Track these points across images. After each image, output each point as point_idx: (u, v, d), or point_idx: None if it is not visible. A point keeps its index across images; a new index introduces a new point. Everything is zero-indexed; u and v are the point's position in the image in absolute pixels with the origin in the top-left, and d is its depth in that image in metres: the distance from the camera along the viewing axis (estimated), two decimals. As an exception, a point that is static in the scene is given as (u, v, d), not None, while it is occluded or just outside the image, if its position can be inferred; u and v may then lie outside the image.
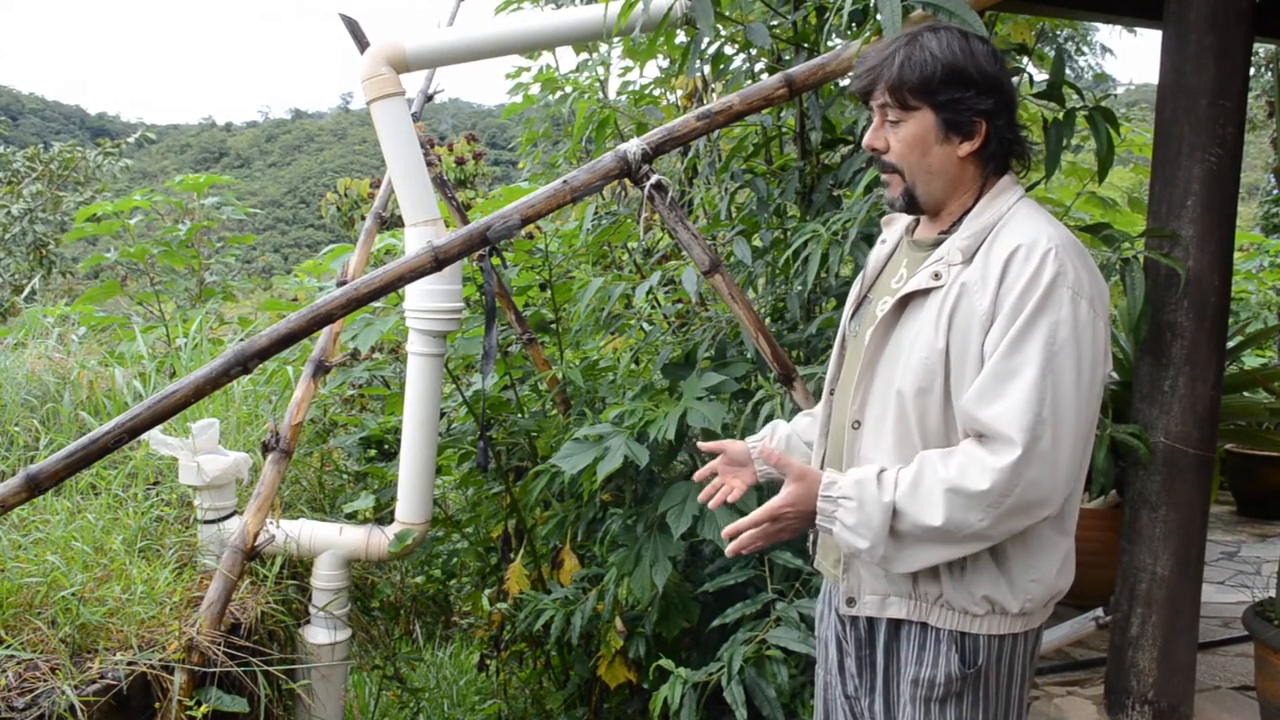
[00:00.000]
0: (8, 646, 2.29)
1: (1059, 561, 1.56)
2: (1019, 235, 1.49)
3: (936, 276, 1.54)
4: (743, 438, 2.63)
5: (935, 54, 1.52)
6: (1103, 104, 2.34)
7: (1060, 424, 1.42)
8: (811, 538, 1.81)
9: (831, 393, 1.74)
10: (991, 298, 1.47)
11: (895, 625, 1.62)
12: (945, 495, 1.44)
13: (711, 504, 1.80)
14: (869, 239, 2.25)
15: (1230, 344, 3.66)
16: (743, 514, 1.61)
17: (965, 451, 1.46)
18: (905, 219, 1.74)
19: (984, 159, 1.58)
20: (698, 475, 1.91)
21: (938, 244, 1.60)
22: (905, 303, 1.58)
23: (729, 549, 1.60)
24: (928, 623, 1.58)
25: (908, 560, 1.51)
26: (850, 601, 1.66)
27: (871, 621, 1.66)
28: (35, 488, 2.10)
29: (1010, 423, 1.41)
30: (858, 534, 1.50)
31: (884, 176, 1.63)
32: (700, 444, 1.95)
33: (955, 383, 1.50)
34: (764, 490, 2.52)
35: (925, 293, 1.55)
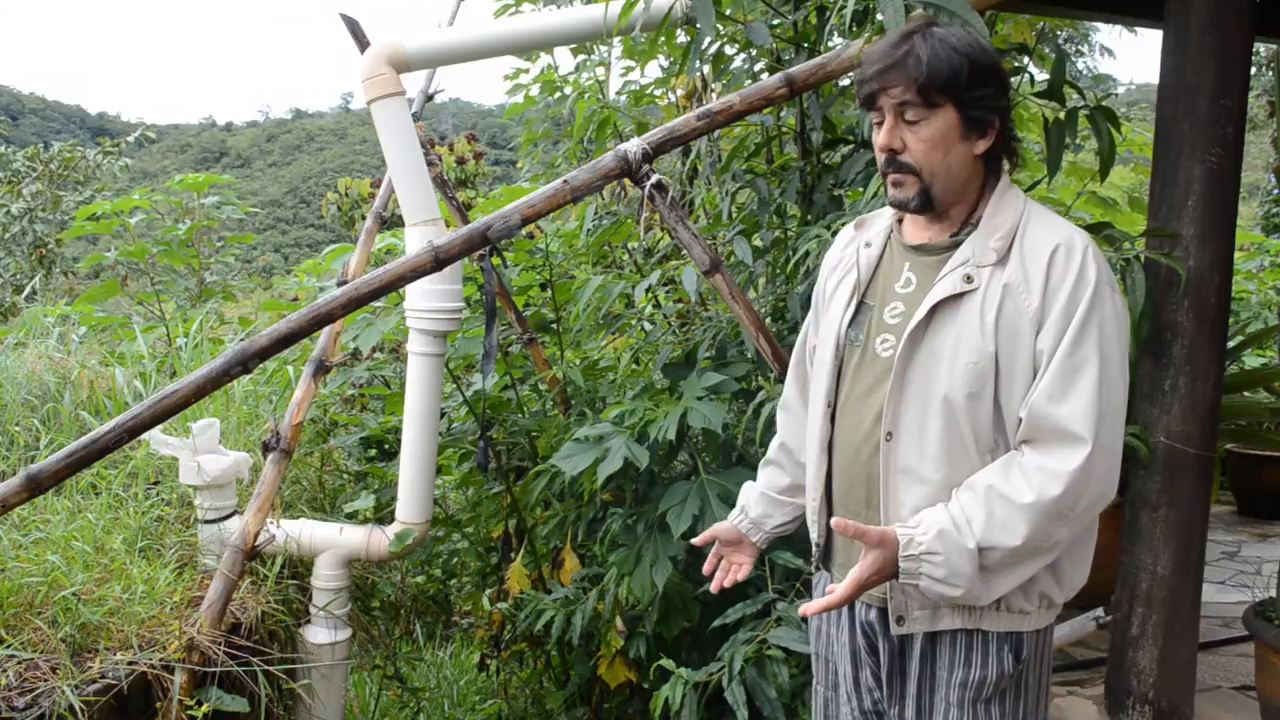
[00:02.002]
0: (8, 646, 2.29)
1: (1092, 546, 1.59)
2: (1052, 235, 1.51)
3: (969, 280, 1.52)
4: (743, 437, 2.64)
5: (959, 50, 1.49)
6: (1103, 103, 2.34)
7: (1115, 415, 1.46)
8: (816, 551, 1.75)
9: (830, 406, 1.67)
10: (1040, 297, 1.48)
11: (932, 636, 1.60)
12: (1025, 515, 1.44)
13: (725, 584, 1.85)
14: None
15: (1231, 344, 3.67)
16: None
17: (1026, 465, 1.46)
18: (885, 220, 1.71)
19: (991, 158, 1.58)
20: (706, 568, 1.91)
21: (953, 246, 1.57)
22: (936, 308, 1.54)
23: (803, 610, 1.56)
24: (980, 628, 1.56)
25: (996, 589, 1.50)
26: (900, 620, 1.60)
27: (909, 635, 1.62)
28: (36, 487, 2.10)
29: (1080, 421, 1.43)
30: (949, 584, 1.47)
31: (895, 177, 1.57)
32: (693, 540, 1.97)
33: (1005, 385, 1.49)
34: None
35: (958, 296, 1.52)
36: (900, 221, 1.68)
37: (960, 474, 1.51)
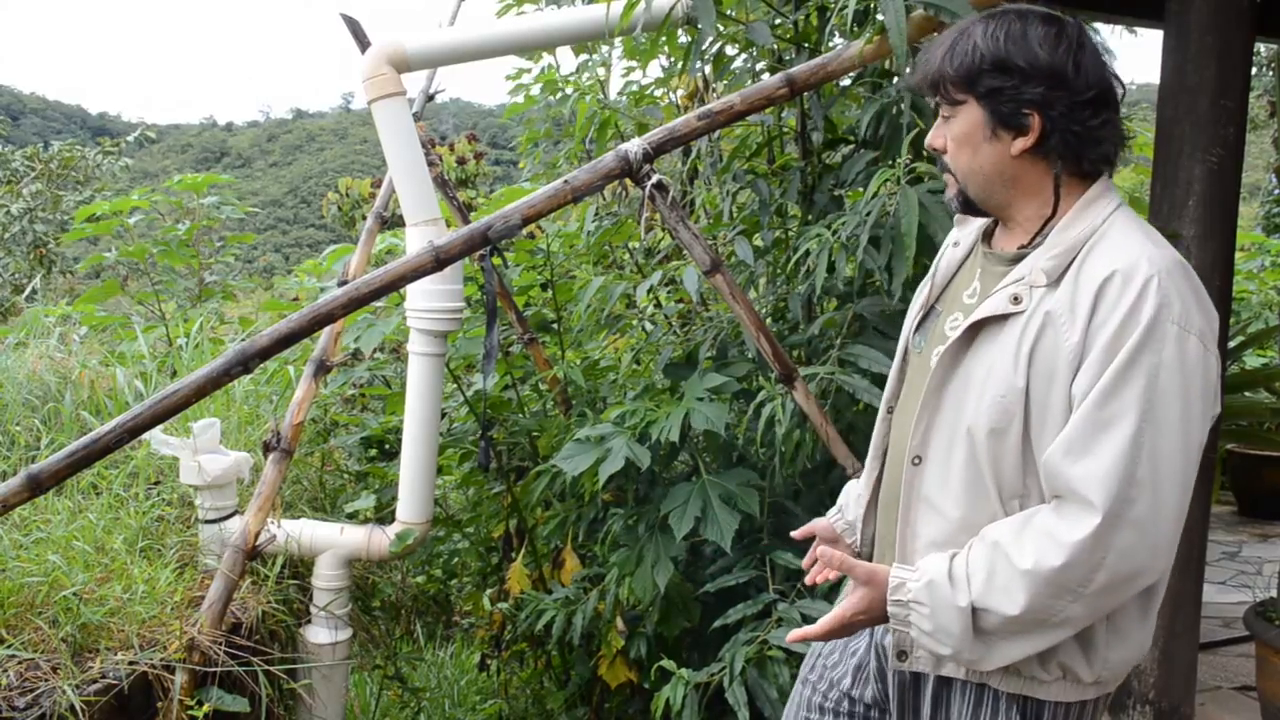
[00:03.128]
0: (9, 646, 2.29)
1: (1150, 626, 1.39)
2: (1115, 258, 1.30)
3: (1016, 300, 1.35)
4: (744, 438, 2.64)
5: (978, 42, 1.37)
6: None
7: (1162, 484, 1.24)
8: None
9: (890, 411, 1.58)
10: (1081, 333, 1.28)
11: (944, 678, 1.45)
12: (1024, 581, 1.27)
13: (817, 581, 1.57)
14: (876, 242, 2.24)
15: (1231, 344, 3.67)
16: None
17: (1038, 526, 1.29)
18: (980, 220, 1.55)
19: (1048, 158, 1.39)
20: (806, 562, 1.71)
21: (1018, 259, 1.42)
22: (979, 327, 1.39)
23: (790, 637, 1.46)
24: (988, 684, 1.41)
25: (999, 657, 1.34)
26: (901, 655, 1.46)
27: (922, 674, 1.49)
28: (37, 487, 2.11)
29: (1094, 485, 1.24)
30: (937, 640, 1.34)
31: (946, 177, 1.49)
32: (792, 534, 1.81)
33: (1036, 427, 1.32)
34: (763, 492, 2.52)
35: (1003, 318, 1.37)
36: (996, 222, 1.53)
37: (980, 516, 1.37)
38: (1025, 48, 1.35)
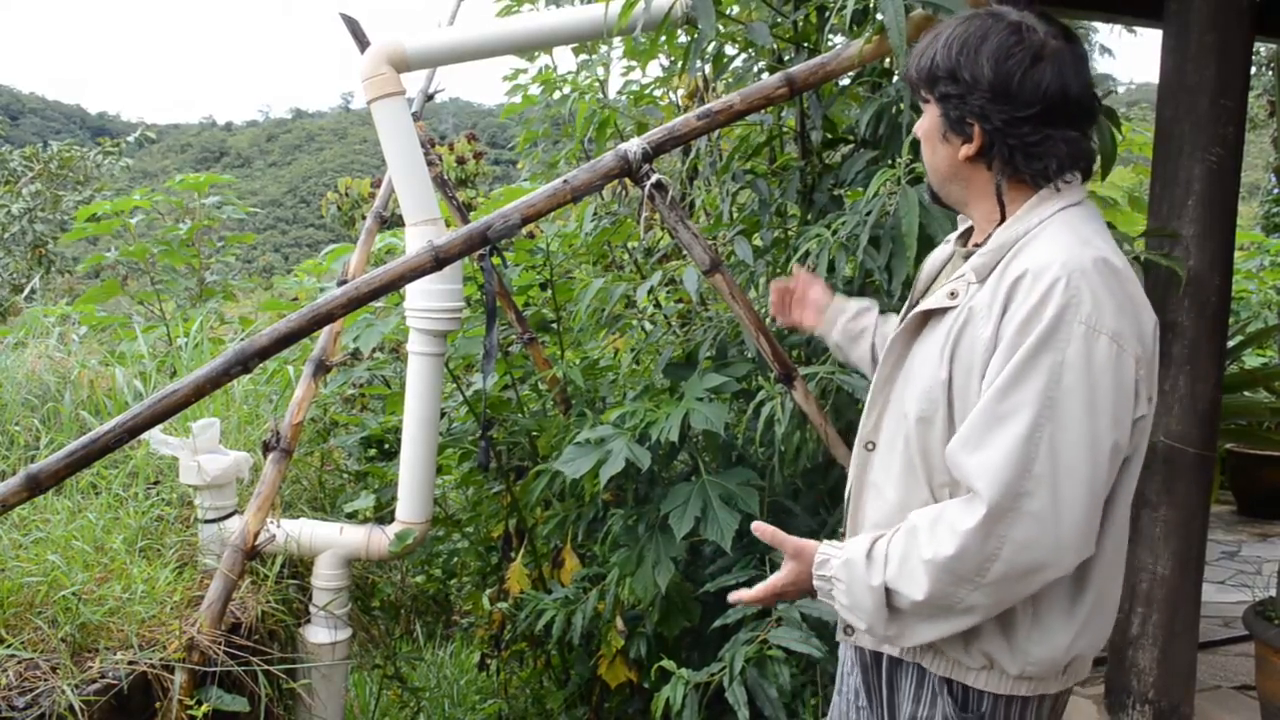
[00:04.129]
0: (8, 646, 2.29)
1: (1077, 624, 1.39)
2: (1032, 258, 1.33)
3: (953, 295, 1.41)
4: (743, 438, 2.64)
5: (939, 48, 1.41)
6: (1104, 103, 2.33)
7: (1062, 480, 1.26)
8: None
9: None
10: (994, 328, 1.32)
11: (895, 659, 1.53)
12: (924, 567, 1.32)
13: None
14: (875, 241, 2.24)
15: (1231, 343, 3.67)
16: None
17: (944, 516, 1.33)
18: (968, 221, 1.60)
19: (991, 167, 1.43)
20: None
21: (968, 257, 1.47)
22: (925, 319, 1.46)
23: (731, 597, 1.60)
24: (919, 663, 1.48)
25: (914, 636, 1.40)
26: (848, 630, 1.58)
27: (878, 653, 1.56)
28: (36, 487, 2.10)
29: (984, 477, 1.28)
30: (854, 615, 1.42)
31: None
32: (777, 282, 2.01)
33: (958, 417, 1.37)
34: (762, 491, 2.53)
35: (942, 312, 1.43)
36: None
37: (915, 501, 1.43)
38: (973, 59, 1.38)
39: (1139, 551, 2.62)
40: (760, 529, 1.51)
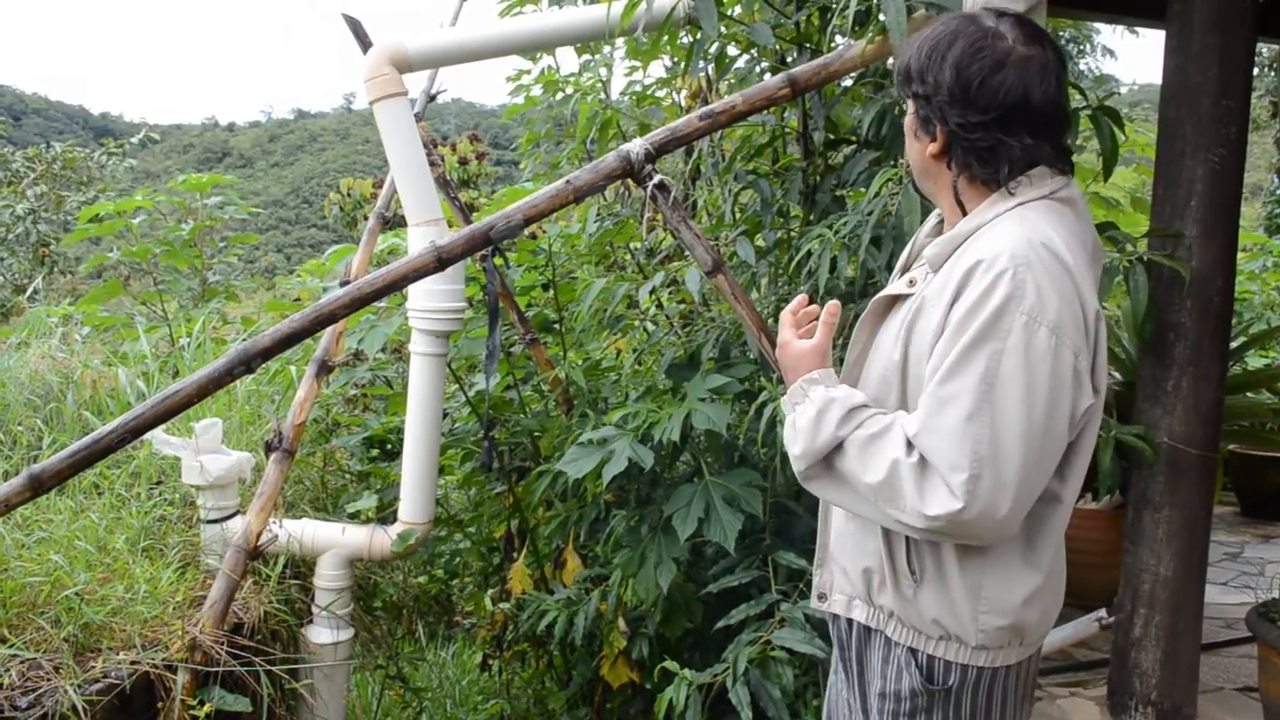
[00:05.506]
0: (11, 646, 2.29)
1: (1022, 595, 1.45)
2: (984, 249, 1.37)
3: (912, 283, 1.49)
4: (745, 438, 2.64)
5: (915, 45, 1.48)
6: (1106, 103, 2.34)
7: (1002, 463, 1.31)
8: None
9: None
10: (942, 315, 1.38)
11: (866, 631, 1.58)
12: (891, 470, 1.36)
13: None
14: (877, 241, 2.24)
15: (1234, 344, 3.66)
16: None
17: (930, 473, 1.35)
18: None
19: (951, 165, 1.47)
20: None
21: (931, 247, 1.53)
22: (890, 304, 1.53)
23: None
24: (886, 633, 1.53)
25: (825, 489, 1.49)
26: (822, 596, 1.66)
27: (850, 623, 1.61)
28: (38, 487, 2.11)
29: (945, 461, 1.32)
30: (796, 438, 1.47)
31: None
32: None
33: (911, 400, 1.44)
34: (765, 492, 2.53)
35: (902, 298, 1.50)
36: None
37: None
38: (939, 63, 1.43)
39: (1141, 552, 2.62)
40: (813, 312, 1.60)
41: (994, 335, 1.31)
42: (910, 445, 1.37)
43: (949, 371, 1.33)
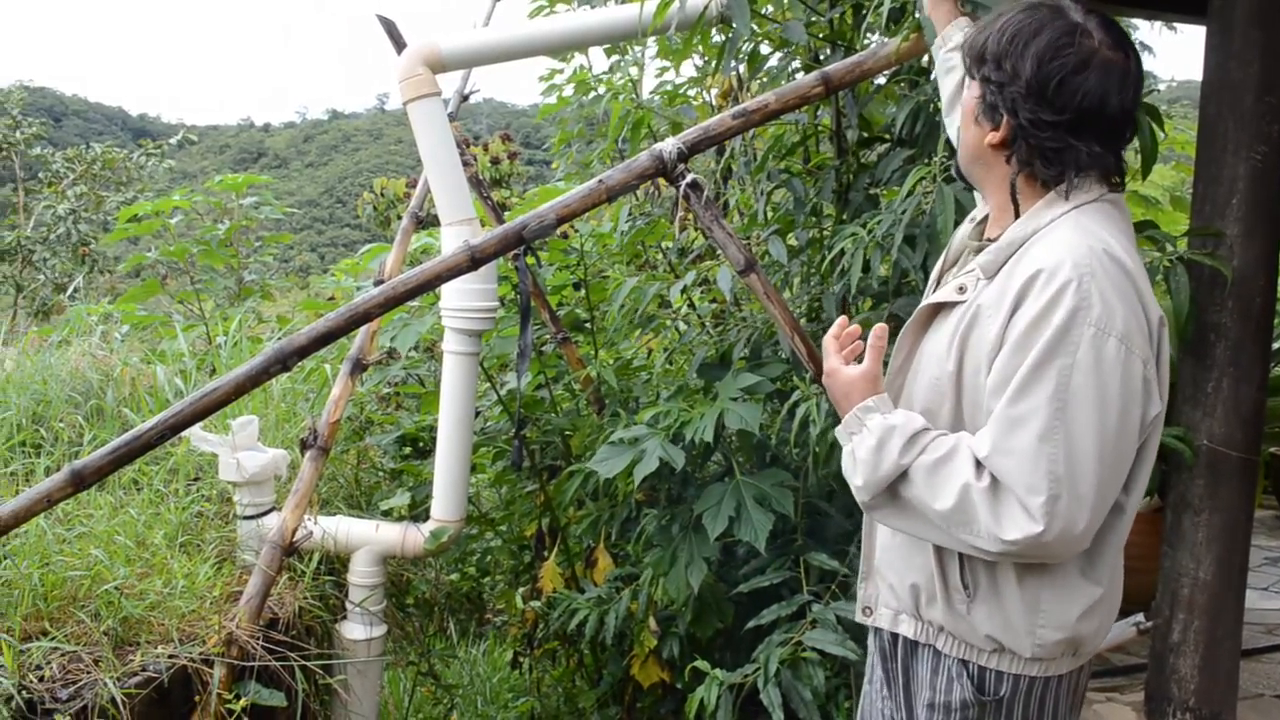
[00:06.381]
0: (52, 638, 2.33)
1: (1081, 608, 1.42)
2: (1044, 258, 1.32)
3: (961, 290, 1.42)
4: (777, 438, 2.63)
5: (994, 31, 1.40)
6: (1145, 100, 2.30)
7: (1078, 481, 1.28)
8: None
9: None
10: (1001, 327, 1.32)
11: (912, 644, 1.55)
12: (962, 495, 1.32)
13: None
14: (911, 240, 2.22)
15: (1276, 345, 3.60)
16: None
17: (1000, 499, 1.31)
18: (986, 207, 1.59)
19: (1010, 161, 1.42)
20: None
21: (979, 250, 1.47)
22: (935, 312, 1.48)
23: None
24: (934, 645, 1.50)
25: (891, 518, 1.44)
26: (867, 611, 1.61)
27: (895, 635, 1.58)
28: (80, 482, 2.14)
29: (1021, 484, 1.28)
30: (856, 469, 1.42)
31: None
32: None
33: (968, 412, 1.40)
34: (796, 492, 2.52)
35: (951, 305, 1.44)
36: None
37: None
38: (1020, 53, 1.36)
39: (1180, 556, 2.58)
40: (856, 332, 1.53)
41: (1063, 350, 1.27)
42: (980, 467, 1.33)
43: (1018, 390, 1.29)
